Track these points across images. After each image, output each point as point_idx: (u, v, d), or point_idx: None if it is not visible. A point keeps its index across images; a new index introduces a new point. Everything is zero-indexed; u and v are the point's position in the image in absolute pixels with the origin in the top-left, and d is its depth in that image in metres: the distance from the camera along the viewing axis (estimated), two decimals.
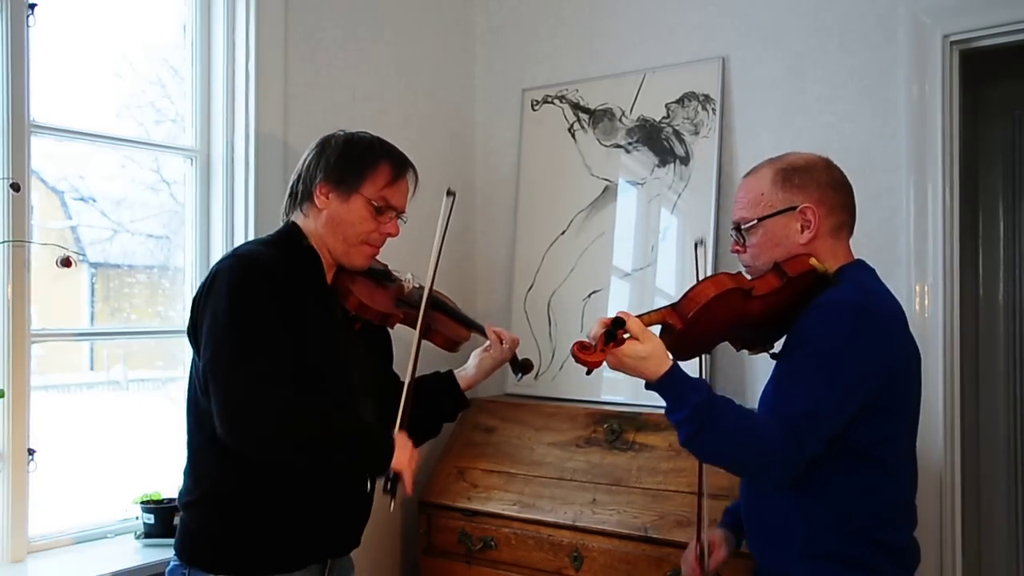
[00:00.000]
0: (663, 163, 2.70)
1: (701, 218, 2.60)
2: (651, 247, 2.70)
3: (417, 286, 1.91)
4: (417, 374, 1.77)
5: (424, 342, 1.85)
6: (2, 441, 1.97)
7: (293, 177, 1.78)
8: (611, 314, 2.77)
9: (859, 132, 2.43)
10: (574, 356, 1.42)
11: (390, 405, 1.76)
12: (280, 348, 1.57)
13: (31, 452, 2.01)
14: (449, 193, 1.83)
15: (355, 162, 1.73)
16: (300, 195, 1.76)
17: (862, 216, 2.41)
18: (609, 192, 2.80)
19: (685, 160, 2.65)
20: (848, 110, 2.44)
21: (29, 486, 2.01)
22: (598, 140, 2.83)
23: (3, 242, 1.95)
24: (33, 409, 2.02)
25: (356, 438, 1.61)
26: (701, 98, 2.64)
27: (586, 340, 1.44)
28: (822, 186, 1.64)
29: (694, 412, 1.45)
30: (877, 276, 1.69)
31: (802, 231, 1.62)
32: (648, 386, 1.52)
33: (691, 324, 1.50)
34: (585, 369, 1.45)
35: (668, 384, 1.47)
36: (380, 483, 1.63)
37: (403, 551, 2.81)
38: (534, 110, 2.99)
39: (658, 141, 2.71)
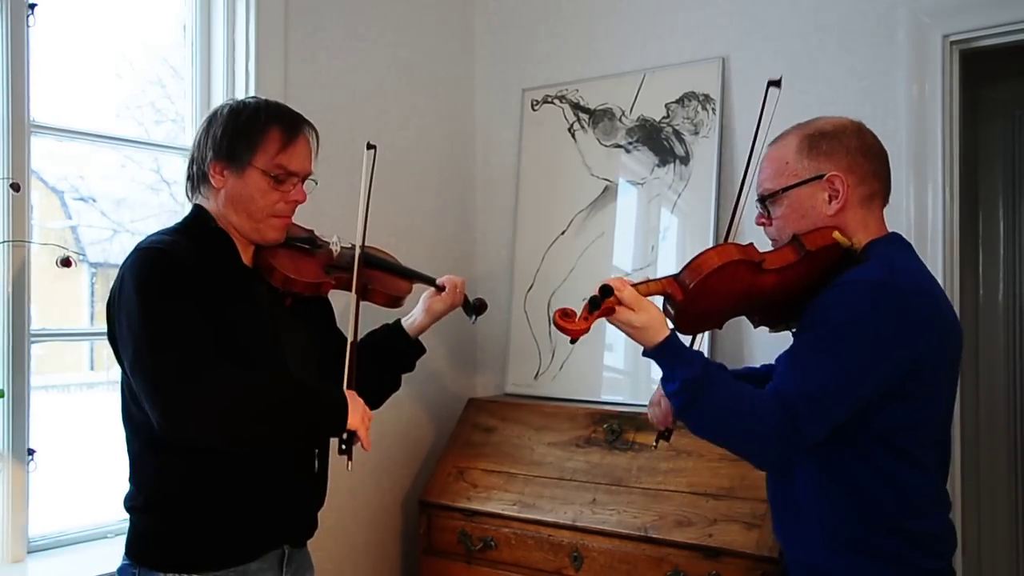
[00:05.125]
0: (663, 163, 2.70)
1: (701, 218, 2.60)
2: (651, 247, 2.70)
3: (348, 246, 1.82)
4: (363, 331, 1.69)
5: (365, 303, 1.79)
6: (2, 441, 1.97)
7: (188, 159, 1.68)
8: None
9: None
10: (555, 324, 1.40)
11: (340, 373, 1.68)
12: (203, 334, 1.49)
13: (31, 452, 2.01)
14: (369, 147, 1.74)
15: (242, 133, 1.61)
16: (196, 177, 1.66)
17: None
18: (609, 192, 2.80)
19: (685, 160, 2.65)
20: (848, 110, 2.40)
21: (29, 486, 2.01)
22: (598, 140, 2.83)
23: (3, 242, 1.95)
24: (33, 409, 2.02)
25: (307, 401, 1.55)
26: (701, 98, 2.64)
27: (569, 308, 1.40)
28: (852, 152, 1.54)
29: (684, 386, 1.41)
30: (913, 251, 1.58)
31: (830, 201, 1.53)
32: (644, 353, 1.48)
33: (693, 296, 1.42)
34: (568, 338, 1.42)
35: (662, 355, 1.43)
36: (336, 445, 1.60)
37: (403, 551, 2.81)
38: (534, 110, 2.99)
39: (658, 141, 2.71)
